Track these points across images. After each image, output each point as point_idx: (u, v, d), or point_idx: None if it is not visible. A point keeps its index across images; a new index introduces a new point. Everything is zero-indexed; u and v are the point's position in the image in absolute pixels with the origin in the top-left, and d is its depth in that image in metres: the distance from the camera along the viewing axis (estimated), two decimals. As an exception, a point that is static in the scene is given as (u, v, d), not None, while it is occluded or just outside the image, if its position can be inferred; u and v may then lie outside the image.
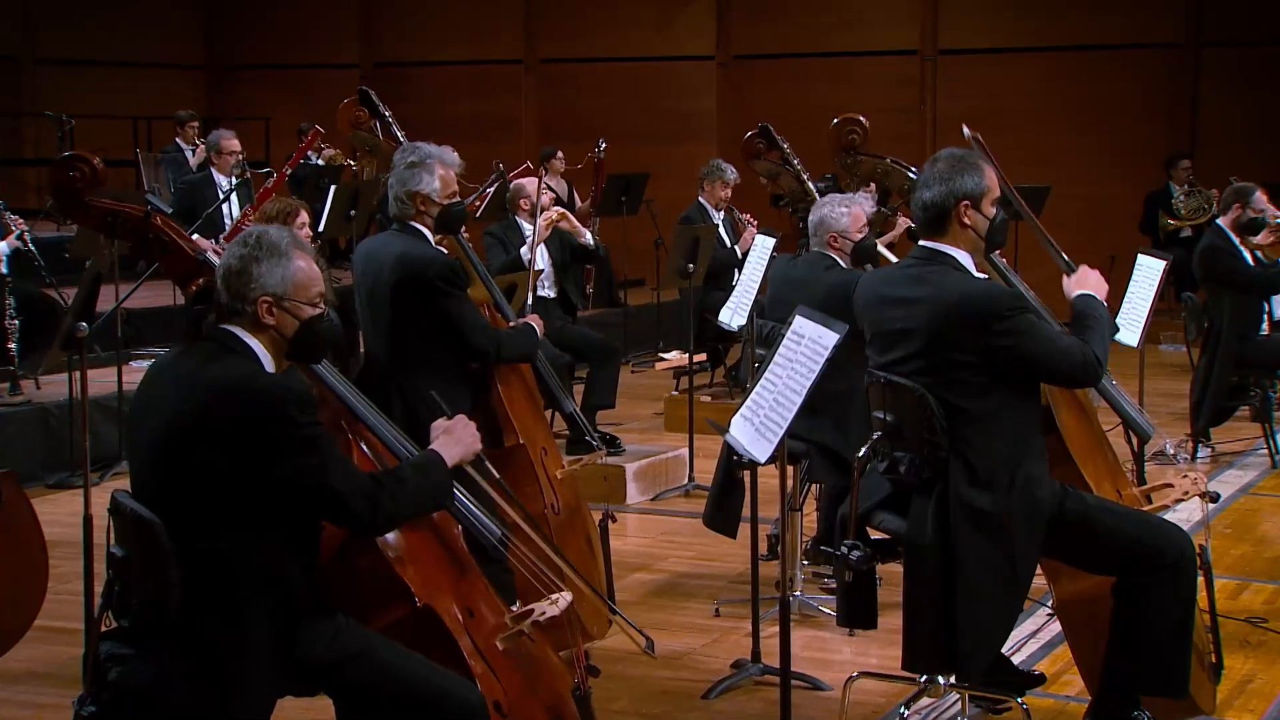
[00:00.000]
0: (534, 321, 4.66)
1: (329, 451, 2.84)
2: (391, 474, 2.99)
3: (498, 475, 3.33)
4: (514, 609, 3.25)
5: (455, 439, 3.16)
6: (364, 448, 3.20)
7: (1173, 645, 3.50)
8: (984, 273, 3.74)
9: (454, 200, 4.38)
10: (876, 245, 5.52)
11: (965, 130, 3.96)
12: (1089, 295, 3.71)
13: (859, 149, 6.44)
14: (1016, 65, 13.08)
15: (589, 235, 7.44)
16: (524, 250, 7.08)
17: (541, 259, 7.39)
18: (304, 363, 3.09)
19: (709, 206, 8.77)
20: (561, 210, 7.18)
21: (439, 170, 4.33)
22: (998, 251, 3.75)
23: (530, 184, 7.41)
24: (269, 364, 2.92)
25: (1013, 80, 13.01)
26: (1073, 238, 12.22)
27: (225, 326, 2.92)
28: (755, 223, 8.72)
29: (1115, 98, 12.78)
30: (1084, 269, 3.79)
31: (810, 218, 5.36)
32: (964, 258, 3.59)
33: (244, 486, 2.77)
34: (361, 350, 4.64)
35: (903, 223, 8.02)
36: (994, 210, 3.59)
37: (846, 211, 5.26)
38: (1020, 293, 3.66)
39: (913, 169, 6.47)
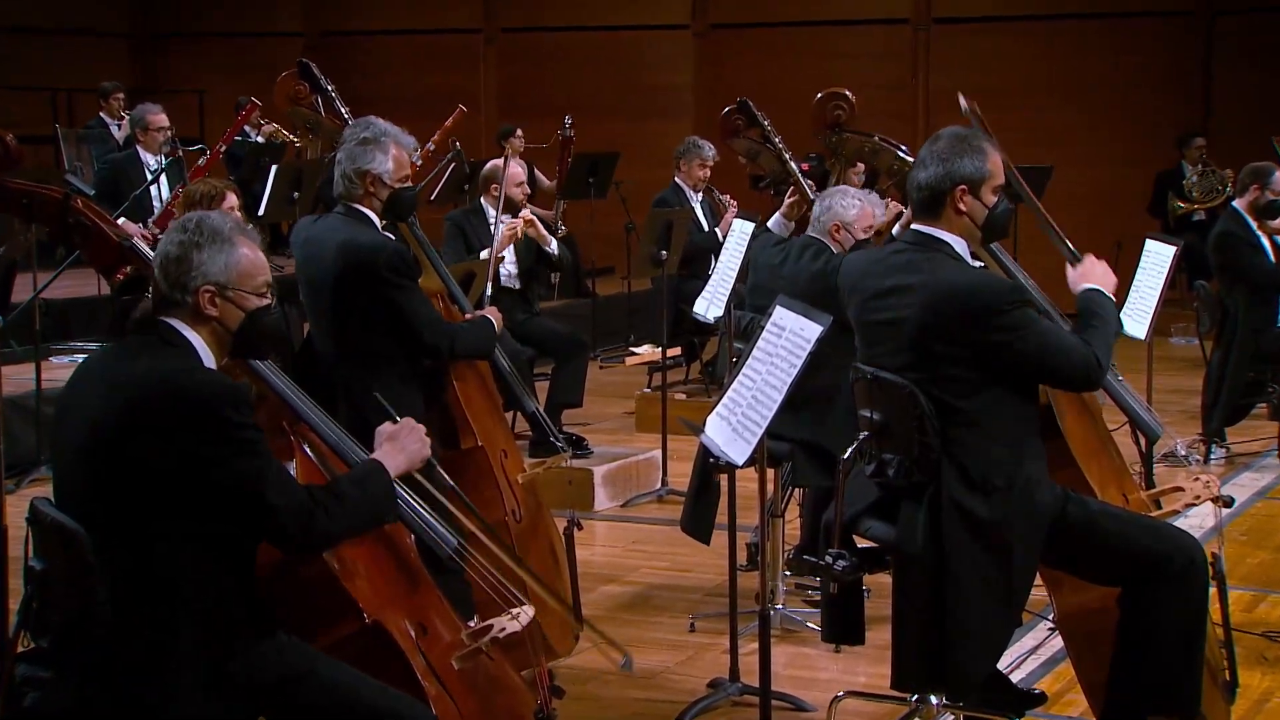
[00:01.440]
0: (492, 314, 4.66)
1: (267, 458, 2.83)
2: (328, 490, 2.97)
3: (452, 482, 3.32)
4: (471, 624, 3.25)
5: (400, 446, 3.16)
6: (308, 451, 3.19)
7: (1182, 660, 3.53)
8: (980, 262, 3.76)
9: (405, 185, 4.37)
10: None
11: (961, 100, 3.97)
12: (1096, 290, 3.74)
13: (845, 126, 6.46)
14: (1016, 36, 13.15)
15: (554, 244, 7.43)
16: (484, 254, 7.07)
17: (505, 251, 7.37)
18: (249, 357, 3.09)
19: (685, 187, 8.78)
20: (530, 216, 7.17)
21: (393, 150, 4.31)
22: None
23: (510, 169, 7.38)
24: (209, 359, 2.92)
25: (1012, 52, 13.08)
26: (1076, 222, 12.25)
27: (163, 319, 2.91)
28: (737, 204, 8.74)
29: (1122, 70, 12.85)
30: (1090, 259, 3.81)
31: (818, 203, 5.43)
32: (959, 245, 3.60)
33: (175, 491, 2.76)
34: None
35: (893, 207, 8.04)
36: (995, 199, 3.60)
37: (857, 204, 5.32)
38: (1021, 285, 3.68)
39: (903, 148, 6.50)
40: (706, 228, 8.65)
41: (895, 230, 4.49)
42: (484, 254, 7.06)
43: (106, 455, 2.78)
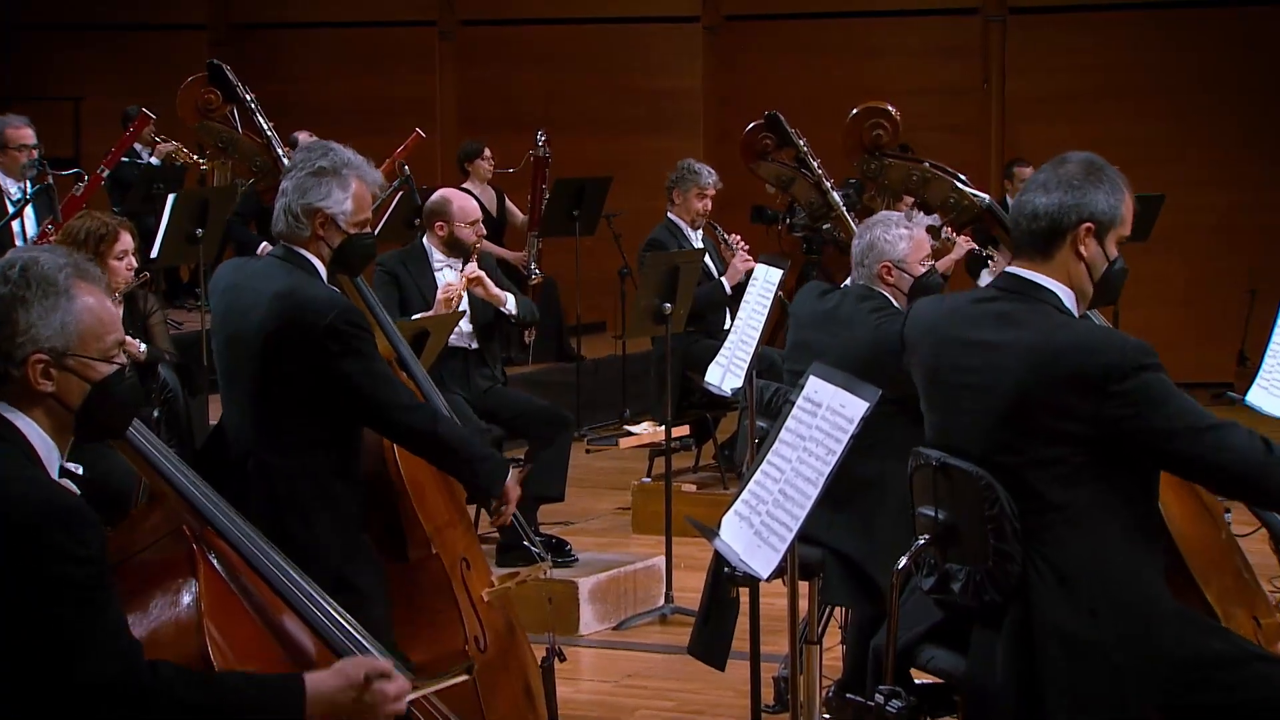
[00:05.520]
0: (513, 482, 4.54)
1: (101, 605, 2.75)
2: (214, 677, 2.89)
3: None
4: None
5: (365, 701, 2.94)
6: (214, 562, 3.21)
7: None
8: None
9: (363, 231, 4.41)
10: (942, 283, 5.60)
11: None
12: None
13: (886, 150, 6.51)
14: (1114, 29, 13.22)
15: (511, 302, 7.44)
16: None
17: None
18: (101, 439, 3.07)
19: (682, 224, 8.83)
20: (477, 273, 7.18)
21: (354, 185, 4.32)
22: None
23: (460, 201, 7.43)
24: (46, 450, 2.88)
25: (1108, 49, 13.12)
26: (1198, 263, 12.29)
27: None
28: (746, 245, 8.77)
29: (1249, 70, 12.88)
30: None
31: (856, 241, 5.45)
32: (1067, 297, 3.63)
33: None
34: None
35: (962, 244, 8.08)
36: (1117, 252, 3.64)
37: (906, 234, 5.34)
38: (1149, 346, 3.65)
39: (961, 177, 6.54)
40: (715, 275, 8.68)
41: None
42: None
43: None
